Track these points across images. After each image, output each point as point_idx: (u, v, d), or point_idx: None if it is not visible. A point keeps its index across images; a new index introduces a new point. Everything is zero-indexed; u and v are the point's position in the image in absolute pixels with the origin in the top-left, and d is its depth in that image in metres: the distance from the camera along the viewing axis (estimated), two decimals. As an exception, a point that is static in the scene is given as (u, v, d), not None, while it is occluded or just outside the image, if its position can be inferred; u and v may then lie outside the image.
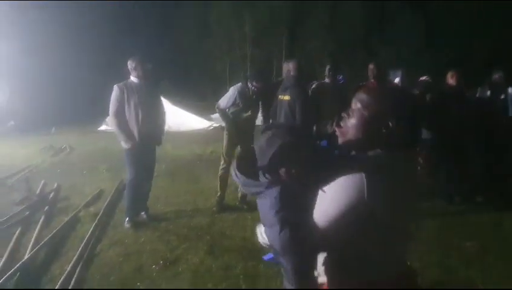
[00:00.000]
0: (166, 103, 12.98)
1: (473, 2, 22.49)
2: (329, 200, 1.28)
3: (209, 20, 25.76)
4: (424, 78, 5.89)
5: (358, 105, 1.36)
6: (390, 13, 24.41)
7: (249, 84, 4.85)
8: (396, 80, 5.48)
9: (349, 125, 1.37)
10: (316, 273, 1.43)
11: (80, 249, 3.71)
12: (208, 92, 21.78)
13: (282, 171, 1.44)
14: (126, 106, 4.34)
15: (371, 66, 5.02)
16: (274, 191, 1.44)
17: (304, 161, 1.42)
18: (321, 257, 1.41)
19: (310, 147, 1.51)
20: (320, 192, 1.31)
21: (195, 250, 3.82)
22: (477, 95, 5.45)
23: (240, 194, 5.09)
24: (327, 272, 1.40)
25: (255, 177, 1.50)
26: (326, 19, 24.73)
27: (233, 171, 1.55)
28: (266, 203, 1.44)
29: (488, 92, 5.46)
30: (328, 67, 5.16)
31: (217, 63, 26.02)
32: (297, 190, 1.40)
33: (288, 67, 4.73)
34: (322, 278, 1.42)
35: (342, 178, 1.25)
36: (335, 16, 24.88)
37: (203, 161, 7.95)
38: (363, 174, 1.21)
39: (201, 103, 16.30)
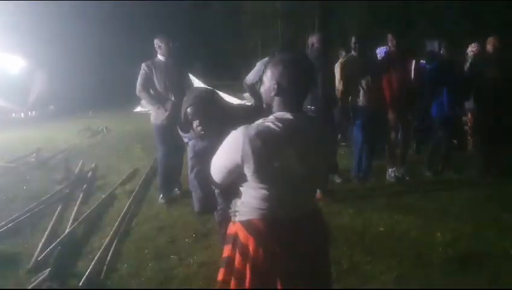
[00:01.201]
0: (197, 83, 13.13)
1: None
2: (218, 152, 1.59)
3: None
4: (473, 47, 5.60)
5: (266, 73, 1.60)
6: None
7: None
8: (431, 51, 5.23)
9: (262, 90, 1.64)
10: (232, 211, 1.67)
11: (116, 224, 3.86)
12: (241, 70, 21.63)
13: (199, 127, 1.94)
14: (155, 83, 4.40)
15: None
16: (192, 142, 2.04)
17: (209, 119, 1.90)
18: (238, 200, 1.65)
19: (216, 107, 1.95)
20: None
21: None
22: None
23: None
24: (235, 212, 1.64)
25: (186, 131, 2.07)
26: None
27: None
28: (188, 151, 2.10)
29: None
30: (353, 39, 4.96)
31: (249, 40, 25.78)
32: (209, 142, 1.79)
33: (313, 41, 4.67)
34: (233, 217, 1.66)
35: (230, 134, 1.53)
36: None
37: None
38: (241, 134, 1.47)
39: (234, 82, 16.26)
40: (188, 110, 1.94)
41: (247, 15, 25.44)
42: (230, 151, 1.52)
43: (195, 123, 1.95)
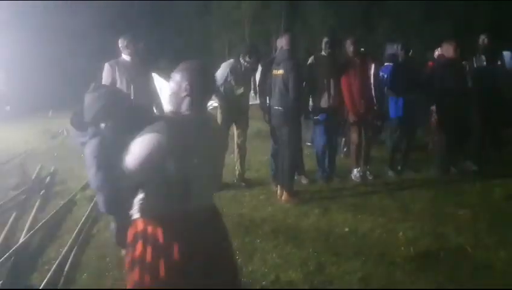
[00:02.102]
0: (161, 81, 12.87)
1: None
2: (132, 150, 1.64)
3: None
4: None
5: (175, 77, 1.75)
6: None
7: (241, 60, 4.73)
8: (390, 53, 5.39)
9: (171, 92, 1.76)
10: (131, 211, 1.75)
11: (75, 232, 3.70)
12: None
13: (103, 124, 1.89)
14: (118, 84, 4.27)
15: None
16: (96, 140, 1.89)
17: (120, 118, 1.86)
18: (137, 198, 1.73)
19: (126, 107, 1.94)
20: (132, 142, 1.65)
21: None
22: (475, 65, 5.37)
23: (237, 172, 5.04)
24: (140, 209, 1.72)
25: (84, 129, 1.95)
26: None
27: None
28: (89, 150, 1.90)
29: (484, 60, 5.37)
30: (325, 40, 5.03)
31: (216, 42, 25.65)
32: (117, 140, 1.75)
33: (282, 42, 4.64)
34: (136, 215, 1.73)
35: (141, 133, 1.63)
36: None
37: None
38: (152, 132, 1.60)
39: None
40: (98, 108, 1.89)
41: (214, 15, 25.30)
42: (141, 148, 1.63)
43: (106, 121, 1.91)
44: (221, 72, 4.79)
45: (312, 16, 23.91)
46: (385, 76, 5.50)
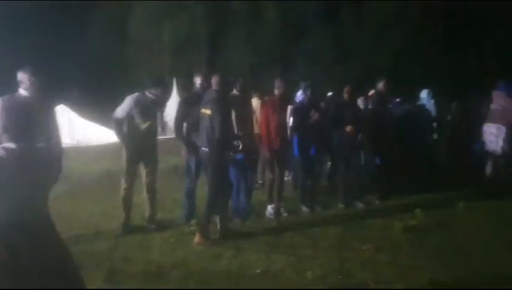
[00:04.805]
0: (74, 115, 12.15)
1: (377, 19, 24.53)
2: None
3: (126, 27, 24.73)
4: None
5: None
6: (305, 26, 25.54)
7: (147, 93, 4.62)
8: (299, 93, 5.73)
9: None
10: None
11: None
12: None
13: None
14: (13, 122, 3.86)
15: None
16: None
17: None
18: None
19: None
20: None
21: (91, 279, 3.47)
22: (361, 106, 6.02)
23: (147, 214, 4.80)
24: None
25: None
26: (246, 31, 25.19)
27: None
28: None
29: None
30: (238, 80, 5.20)
31: (135, 73, 25.02)
32: None
33: (212, 81, 4.60)
34: None
35: None
36: (255, 27, 25.45)
37: (112, 178, 7.43)
38: None
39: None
40: None
41: (135, 44, 24.77)
42: None
43: None
44: (124, 106, 4.58)
45: (233, 52, 24.63)
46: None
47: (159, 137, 5.06)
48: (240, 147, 4.56)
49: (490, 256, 3.96)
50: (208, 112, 4.35)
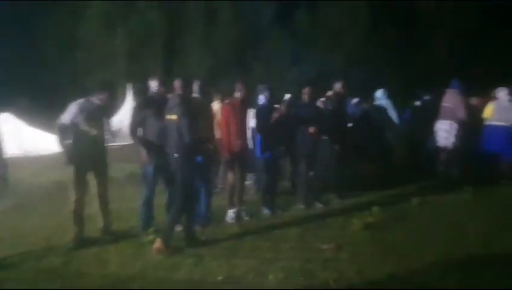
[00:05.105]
0: (21, 124, 11.49)
1: (331, 21, 25.16)
2: None
3: (78, 32, 23.77)
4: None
5: None
6: (261, 30, 25.75)
7: (93, 98, 4.44)
8: (261, 96, 5.74)
9: None
10: None
11: None
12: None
13: None
14: None
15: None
16: None
17: None
18: None
19: None
20: None
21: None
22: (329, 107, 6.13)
23: (101, 226, 4.59)
24: None
25: None
26: (202, 34, 24.99)
27: None
28: None
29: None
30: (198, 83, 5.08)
31: (87, 79, 24.07)
32: None
33: (175, 85, 4.51)
34: None
35: None
36: (212, 31, 25.31)
37: (64, 189, 7.02)
38: None
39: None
40: None
41: (85, 50, 23.87)
42: None
43: None
44: (68, 113, 4.36)
45: (189, 56, 24.34)
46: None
47: (113, 144, 4.85)
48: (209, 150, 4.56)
49: (444, 248, 4.11)
50: (174, 117, 4.27)
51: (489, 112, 6.83)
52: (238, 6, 25.45)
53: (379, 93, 7.70)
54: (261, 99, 5.76)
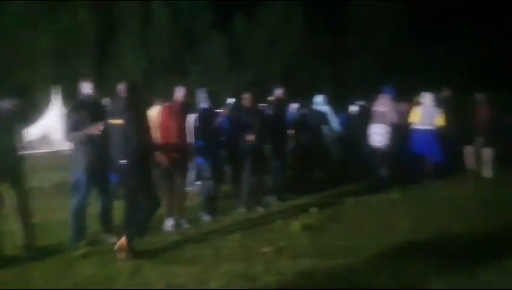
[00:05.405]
0: None
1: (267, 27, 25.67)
2: None
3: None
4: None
5: None
6: (199, 33, 25.52)
7: (3, 104, 4.11)
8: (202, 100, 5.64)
9: None
10: None
11: None
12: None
13: None
14: None
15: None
16: None
17: None
18: None
19: None
20: None
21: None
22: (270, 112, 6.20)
23: (23, 242, 4.20)
24: None
25: None
26: (137, 35, 24.21)
27: None
28: None
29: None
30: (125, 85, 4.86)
31: (12, 82, 22.11)
32: None
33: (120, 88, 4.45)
34: None
35: None
36: (147, 32, 24.61)
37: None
38: None
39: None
40: None
41: (7, 51, 21.93)
42: None
43: None
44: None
45: (122, 58, 23.41)
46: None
47: (37, 151, 4.48)
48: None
49: (377, 245, 4.31)
50: (119, 122, 4.11)
51: (415, 116, 7.33)
52: (174, 7, 25.04)
53: (319, 99, 7.95)
54: (203, 103, 5.67)
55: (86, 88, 4.60)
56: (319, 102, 7.88)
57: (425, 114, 7.23)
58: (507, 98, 9.66)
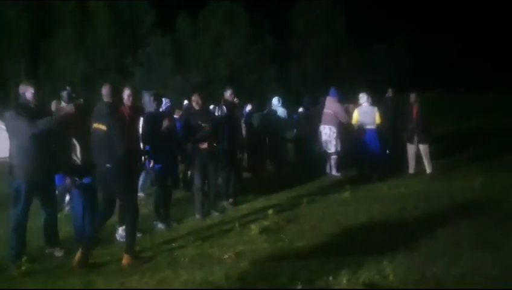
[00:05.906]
0: None
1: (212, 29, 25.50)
2: None
3: None
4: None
5: None
6: (141, 36, 24.79)
7: None
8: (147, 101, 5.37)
9: None
10: None
11: None
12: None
13: None
14: None
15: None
16: None
17: None
18: None
19: None
20: None
21: None
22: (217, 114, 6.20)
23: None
24: None
25: None
26: (75, 36, 22.96)
27: None
28: None
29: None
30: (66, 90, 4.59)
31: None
32: None
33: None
34: None
35: None
36: (86, 33, 23.44)
37: None
38: None
39: None
40: None
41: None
42: None
43: None
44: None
45: (58, 59, 22.07)
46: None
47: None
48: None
49: (333, 244, 4.38)
50: (102, 127, 3.94)
51: (356, 117, 7.57)
52: (115, 9, 24.08)
53: (275, 101, 7.98)
54: (149, 106, 5.41)
55: (28, 92, 4.22)
56: (275, 104, 7.92)
57: (362, 114, 7.43)
58: (437, 98, 10.31)
